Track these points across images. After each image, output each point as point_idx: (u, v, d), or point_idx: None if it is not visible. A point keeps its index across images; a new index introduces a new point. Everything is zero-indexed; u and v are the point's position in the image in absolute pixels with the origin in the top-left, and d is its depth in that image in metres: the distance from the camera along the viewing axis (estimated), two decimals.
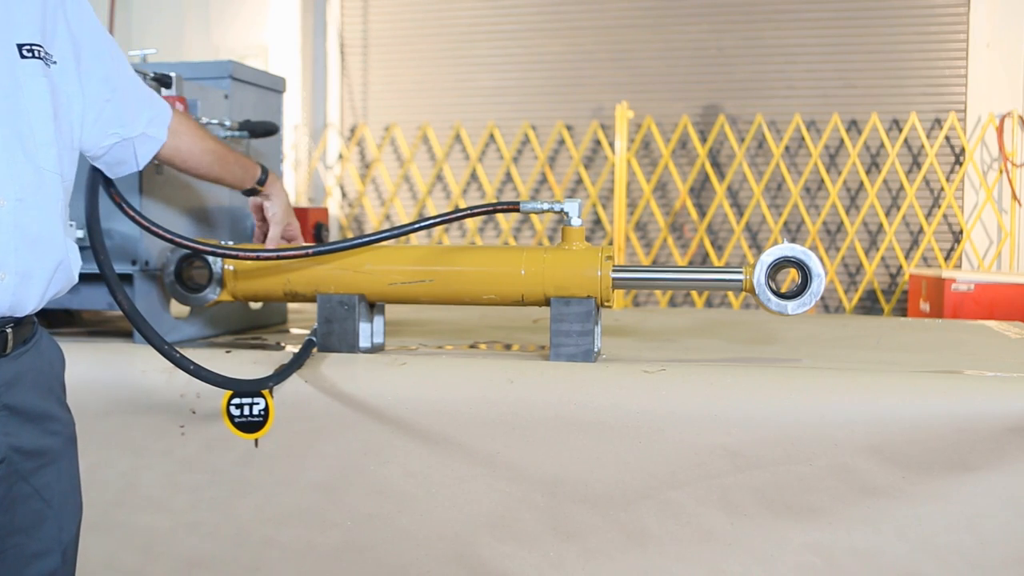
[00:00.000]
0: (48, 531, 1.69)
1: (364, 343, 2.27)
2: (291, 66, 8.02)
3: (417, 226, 2.22)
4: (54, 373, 1.76)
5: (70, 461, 1.75)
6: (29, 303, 1.63)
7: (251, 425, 2.16)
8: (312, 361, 2.18)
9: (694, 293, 7.31)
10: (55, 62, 1.69)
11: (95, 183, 2.06)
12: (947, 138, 7.33)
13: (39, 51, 1.64)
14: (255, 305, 2.74)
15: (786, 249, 2.12)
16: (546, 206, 2.19)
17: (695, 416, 1.97)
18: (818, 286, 2.10)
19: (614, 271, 2.17)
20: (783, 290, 2.14)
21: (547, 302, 2.18)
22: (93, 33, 1.82)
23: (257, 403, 2.15)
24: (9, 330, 1.62)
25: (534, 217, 7.77)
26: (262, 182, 2.30)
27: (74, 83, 1.74)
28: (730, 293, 6.68)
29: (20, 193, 1.59)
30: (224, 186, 2.29)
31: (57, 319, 2.74)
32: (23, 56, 1.62)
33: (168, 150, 2.03)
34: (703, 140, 7.60)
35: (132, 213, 2.14)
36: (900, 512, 1.89)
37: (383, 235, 2.23)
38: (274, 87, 2.82)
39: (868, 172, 7.43)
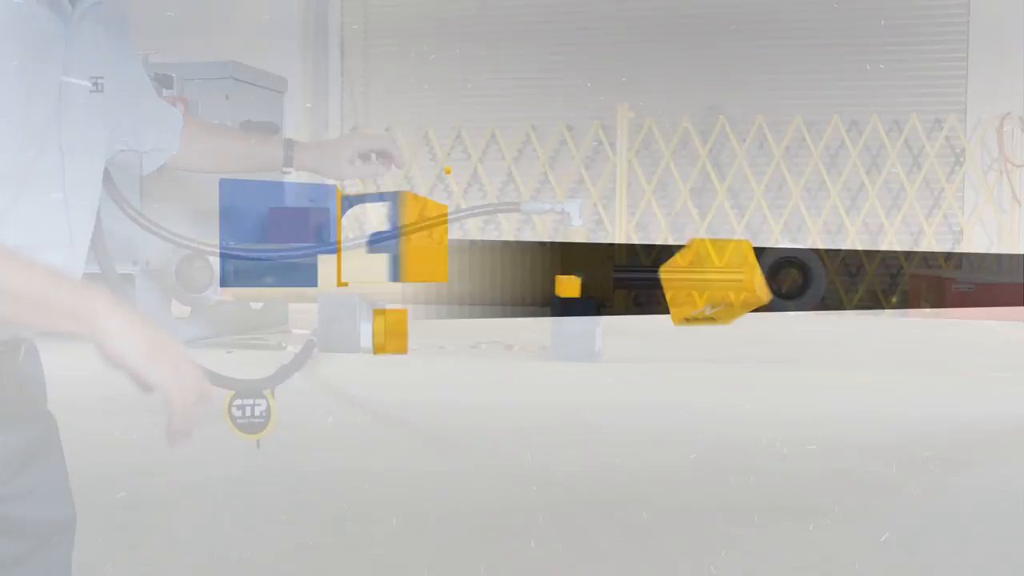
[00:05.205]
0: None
1: (365, 343, 2.27)
2: (292, 66, 8.03)
3: (417, 227, 2.21)
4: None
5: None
6: None
7: (253, 426, 2.16)
8: (313, 361, 2.18)
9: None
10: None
11: None
12: (947, 139, 7.33)
13: (99, 82, 1.63)
14: (256, 305, 2.75)
15: (787, 249, 2.12)
16: (547, 206, 2.19)
17: (696, 416, 1.97)
18: (819, 286, 2.10)
19: (615, 271, 2.16)
20: (783, 290, 2.14)
21: (548, 302, 2.17)
22: (120, 45, 1.81)
23: (259, 404, 2.15)
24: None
25: (535, 217, 7.77)
26: (290, 161, 2.14)
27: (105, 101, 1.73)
28: None
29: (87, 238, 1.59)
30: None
31: None
32: (92, 91, 1.61)
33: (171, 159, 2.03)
34: (704, 140, 7.60)
35: (133, 213, 2.14)
36: (900, 512, 1.90)
37: (383, 236, 2.23)
38: (275, 87, 2.83)
39: (868, 172, 7.43)
